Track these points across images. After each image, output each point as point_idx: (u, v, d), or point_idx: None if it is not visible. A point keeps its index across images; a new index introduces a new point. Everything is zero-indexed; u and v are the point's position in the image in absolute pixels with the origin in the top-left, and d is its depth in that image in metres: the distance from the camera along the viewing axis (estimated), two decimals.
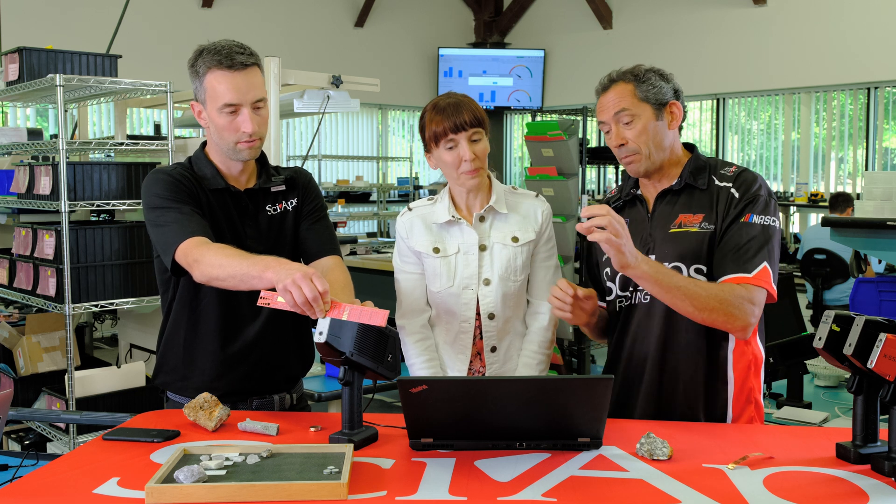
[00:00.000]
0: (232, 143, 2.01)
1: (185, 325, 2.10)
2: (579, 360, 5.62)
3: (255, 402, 2.11)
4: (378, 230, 10.53)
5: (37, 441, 3.68)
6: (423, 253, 2.18)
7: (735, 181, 1.98)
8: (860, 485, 1.50)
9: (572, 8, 10.86)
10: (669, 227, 1.99)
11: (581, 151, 6.30)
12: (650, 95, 1.98)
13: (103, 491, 1.48)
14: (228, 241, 1.97)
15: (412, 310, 2.22)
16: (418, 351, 2.20)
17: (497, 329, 2.17)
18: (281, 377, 2.17)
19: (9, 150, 4.02)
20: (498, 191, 2.19)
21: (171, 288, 2.10)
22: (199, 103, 2.04)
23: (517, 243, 2.16)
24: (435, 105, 2.12)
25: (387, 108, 11.17)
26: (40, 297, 3.43)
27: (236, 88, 1.96)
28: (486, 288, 2.15)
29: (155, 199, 2.00)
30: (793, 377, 4.59)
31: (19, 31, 6.74)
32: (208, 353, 2.09)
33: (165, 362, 2.15)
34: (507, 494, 1.45)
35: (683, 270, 1.95)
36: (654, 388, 2.00)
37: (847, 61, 8.53)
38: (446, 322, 2.19)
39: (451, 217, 2.17)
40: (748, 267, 1.88)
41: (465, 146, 2.08)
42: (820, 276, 6.42)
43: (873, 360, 1.51)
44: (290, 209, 2.15)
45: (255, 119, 2.00)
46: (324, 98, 3.97)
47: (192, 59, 2.00)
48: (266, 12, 9.61)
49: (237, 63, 1.96)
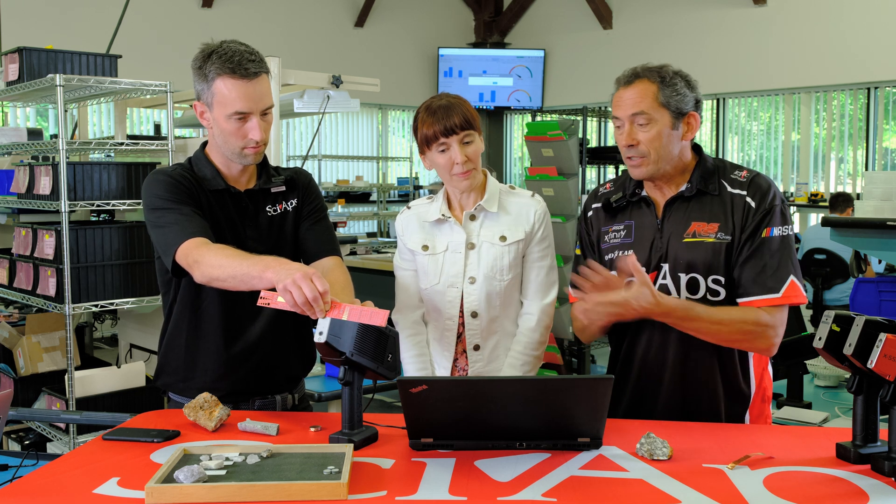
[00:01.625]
0: (238, 148, 2.01)
1: (186, 326, 2.10)
2: (579, 360, 5.61)
3: (258, 402, 2.11)
4: (378, 230, 10.52)
5: (37, 441, 3.68)
6: (415, 251, 2.22)
7: (749, 189, 1.95)
8: (860, 485, 1.50)
9: (572, 8, 10.85)
10: (683, 236, 1.96)
11: (581, 151, 6.31)
12: (672, 102, 1.93)
13: (103, 491, 1.48)
14: (229, 241, 1.97)
15: (406, 306, 2.26)
16: (409, 345, 2.24)
17: (481, 328, 2.17)
18: (283, 377, 2.17)
19: (9, 150, 4.01)
20: (492, 190, 2.19)
21: (173, 289, 2.10)
22: (204, 105, 2.03)
23: (504, 242, 2.16)
24: (427, 107, 2.13)
25: (387, 108, 11.16)
26: (40, 297, 3.43)
27: (248, 97, 1.96)
28: (471, 286, 2.16)
29: (155, 199, 2.00)
30: (793, 377, 4.59)
31: (19, 31, 6.73)
32: (210, 353, 2.09)
33: (167, 363, 2.14)
34: (507, 494, 1.45)
35: (700, 281, 1.94)
36: (677, 394, 1.98)
37: (847, 61, 8.52)
38: (434, 319, 2.23)
39: (441, 216, 2.19)
40: (776, 287, 1.89)
41: (456, 149, 2.09)
42: (820, 276, 6.42)
43: (873, 360, 1.51)
44: (290, 210, 2.15)
45: (263, 126, 2.00)
46: (324, 98, 3.96)
47: (200, 61, 1.99)
48: (266, 12, 9.61)
49: (250, 73, 1.96)
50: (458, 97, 2.16)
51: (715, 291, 1.94)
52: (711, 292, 1.94)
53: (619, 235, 2.06)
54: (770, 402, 2.06)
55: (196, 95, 2.05)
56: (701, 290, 1.94)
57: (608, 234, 2.09)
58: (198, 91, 2.03)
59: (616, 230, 2.07)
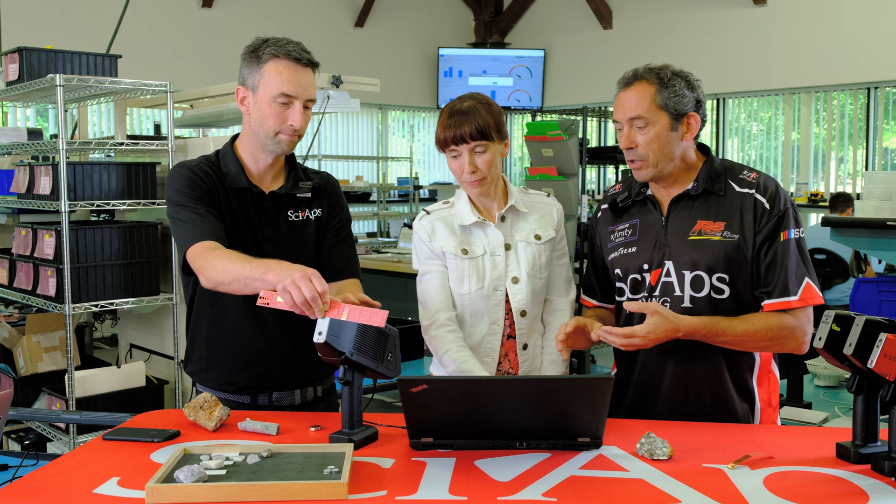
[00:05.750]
0: (273, 132, 2.02)
1: (206, 319, 2.12)
2: (579, 360, 5.62)
3: (276, 395, 2.11)
4: (378, 230, 10.52)
5: (37, 441, 3.68)
6: (450, 254, 2.16)
7: (759, 189, 1.96)
8: (860, 485, 1.50)
9: (572, 8, 10.85)
10: (688, 235, 1.96)
11: (581, 151, 6.30)
12: (670, 104, 1.93)
13: (103, 491, 1.48)
14: (246, 242, 1.99)
15: (442, 307, 2.15)
16: (460, 345, 2.11)
17: (527, 327, 2.18)
18: (302, 372, 2.16)
19: (9, 150, 4.02)
20: (513, 191, 2.21)
21: (192, 281, 2.10)
22: (247, 89, 2.04)
23: (540, 241, 2.18)
24: (450, 109, 2.11)
25: (387, 108, 11.16)
26: (40, 297, 3.43)
27: (297, 82, 2.00)
28: (516, 286, 2.15)
29: (175, 193, 2.02)
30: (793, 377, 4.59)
31: (19, 31, 6.73)
32: (229, 347, 2.10)
33: (192, 353, 2.18)
34: (507, 494, 1.45)
35: (705, 279, 1.94)
36: (679, 395, 1.98)
37: (847, 61, 8.52)
38: (475, 324, 2.16)
39: (478, 219, 2.16)
40: (793, 289, 1.90)
41: (465, 158, 2.08)
42: (820, 276, 6.42)
43: (873, 359, 1.51)
44: (314, 219, 2.14)
45: (304, 115, 2.03)
46: (324, 98, 3.97)
47: (254, 46, 2.03)
48: (266, 12, 9.61)
49: (303, 60, 2.02)
50: (482, 101, 2.10)
51: (719, 290, 1.94)
52: (716, 290, 1.94)
53: (625, 234, 2.07)
54: (777, 409, 2.06)
55: (240, 80, 2.06)
56: (705, 288, 1.94)
57: (614, 234, 2.10)
58: (243, 76, 2.05)
59: (622, 229, 2.08)
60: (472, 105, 2.09)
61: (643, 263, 2.00)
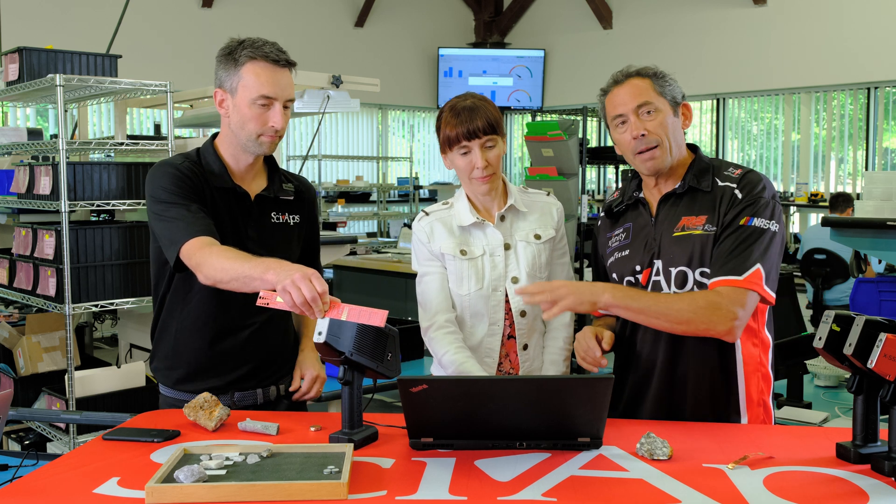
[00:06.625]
0: (255, 134, 2.02)
1: (176, 318, 2.12)
2: None
3: (237, 395, 2.11)
4: (378, 230, 10.52)
5: (37, 441, 3.68)
6: (448, 255, 2.16)
7: (739, 182, 1.95)
8: (860, 485, 1.49)
9: (572, 8, 10.86)
10: (674, 231, 1.97)
11: (581, 151, 6.30)
12: (667, 92, 1.97)
13: (103, 491, 1.48)
14: (230, 241, 1.97)
15: (442, 308, 2.16)
16: (459, 346, 2.11)
17: (527, 327, 2.18)
18: (265, 370, 2.16)
19: (9, 150, 4.02)
20: (512, 190, 2.21)
21: (166, 280, 2.10)
22: (225, 91, 2.03)
23: (540, 240, 2.18)
24: (452, 107, 2.11)
25: (387, 108, 11.17)
26: (40, 297, 3.43)
27: (275, 83, 2.00)
28: (516, 286, 2.14)
29: (161, 192, 2.00)
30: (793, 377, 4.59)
31: (19, 31, 6.73)
32: (196, 347, 2.10)
33: (157, 350, 2.19)
34: (507, 494, 1.45)
35: (689, 274, 1.93)
36: (665, 393, 1.98)
37: (847, 61, 8.53)
38: (475, 325, 2.16)
39: (476, 219, 2.16)
40: (740, 269, 1.85)
41: (477, 153, 2.08)
42: (820, 276, 6.42)
43: (873, 359, 1.51)
44: (293, 224, 2.18)
45: (284, 116, 2.03)
46: (324, 98, 3.97)
47: (230, 48, 2.02)
48: (266, 12, 9.61)
49: (280, 61, 2.01)
50: (483, 99, 2.12)
51: (703, 284, 1.92)
52: (699, 285, 1.92)
53: (620, 239, 2.08)
54: (771, 408, 2.04)
55: (217, 83, 2.05)
56: (689, 283, 1.93)
57: (611, 240, 2.11)
58: (220, 78, 2.04)
59: (617, 234, 2.10)
60: (476, 102, 2.10)
61: (636, 265, 2.01)
